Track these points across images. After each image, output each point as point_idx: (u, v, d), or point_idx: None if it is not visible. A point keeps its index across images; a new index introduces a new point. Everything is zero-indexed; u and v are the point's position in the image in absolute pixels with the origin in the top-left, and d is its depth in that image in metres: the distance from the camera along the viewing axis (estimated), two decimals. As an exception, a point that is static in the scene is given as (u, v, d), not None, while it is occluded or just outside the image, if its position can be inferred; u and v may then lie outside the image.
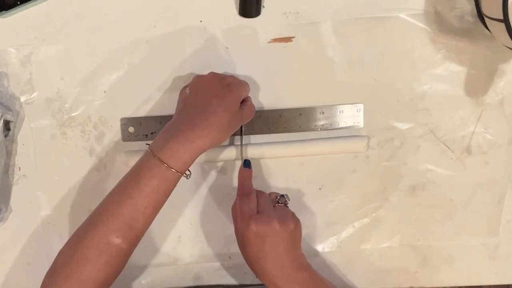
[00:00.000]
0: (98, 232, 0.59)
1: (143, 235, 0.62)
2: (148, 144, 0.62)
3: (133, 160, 0.69)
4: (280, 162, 0.71)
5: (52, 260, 0.62)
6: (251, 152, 0.70)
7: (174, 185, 0.61)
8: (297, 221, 0.64)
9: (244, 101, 0.66)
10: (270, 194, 0.68)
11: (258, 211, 0.63)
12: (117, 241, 0.59)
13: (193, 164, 0.69)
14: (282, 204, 0.66)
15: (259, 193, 0.66)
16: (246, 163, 0.68)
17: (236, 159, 0.70)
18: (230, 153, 0.70)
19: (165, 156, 0.59)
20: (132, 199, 0.59)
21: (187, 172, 0.61)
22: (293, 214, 0.65)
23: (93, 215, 0.62)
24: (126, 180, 0.61)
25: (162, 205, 0.62)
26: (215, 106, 0.61)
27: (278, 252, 0.62)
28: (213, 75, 0.65)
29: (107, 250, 0.59)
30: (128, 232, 0.60)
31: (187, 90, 0.64)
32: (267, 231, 0.62)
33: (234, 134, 0.70)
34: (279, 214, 0.63)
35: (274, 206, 0.65)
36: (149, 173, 0.59)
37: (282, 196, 0.66)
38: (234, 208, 0.66)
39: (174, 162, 0.59)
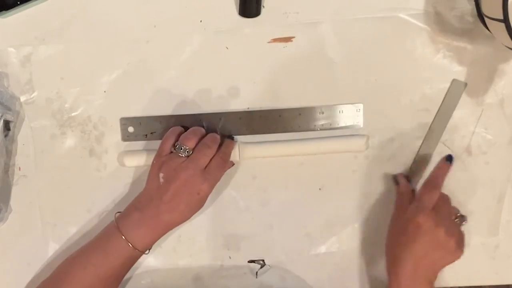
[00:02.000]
0: None
1: None
2: (120, 212, 0.65)
3: (133, 161, 0.70)
4: (280, 162, 0.71)
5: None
6: (251, 151, 0.70)
7: (136, 260, 0.66)
8: (461, 250, 0.64)
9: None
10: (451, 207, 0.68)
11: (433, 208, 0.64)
12: None
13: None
14: (458, 221, 0.66)
15: (443, 196, 0.66)
16: (449, 158, 0.69)
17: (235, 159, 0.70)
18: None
19: (133, 240, 0.63)
20: (96, 268, 0.63)
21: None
22: (462, 240, 0.65)
23: (56, 273, 0.65)
24: (93, 248, 0.65)
25: (124, 276, 0.67)
26: (182, 210, 0.64)
27: (426, 255, 0.62)
28: (187, 178, 0.63)
29: None
30: None
31: (161, 178, 0.64)
32: (433, 232, 0.62)
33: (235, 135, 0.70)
34: (453, 228, 0.64)
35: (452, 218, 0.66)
36: (116, 252, 0.63)
37: (463, 216, 0.67)
38: (406, 193, 0.67)
39: (141, 246, 0.64)
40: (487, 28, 0.65)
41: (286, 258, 0.73)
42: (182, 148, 0.64)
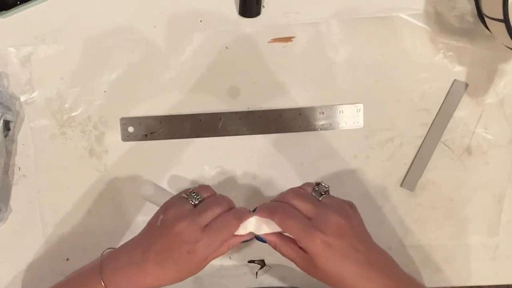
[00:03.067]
0: None
1: None
2: (112, 248, 0.61)
3: (133, 163, 0.70)
4: (280, 162, 0.71)
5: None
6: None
7: None
8: (351, 205, 0.59)
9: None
10: (304, 188, 0.60)
11: (310, 218, 0.57)
12: None
13: (194, 164, 0.70)
14: (324, 195, 0.59)
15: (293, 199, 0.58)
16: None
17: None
18: None
19: None
20: None
21: None
22: (342, 201, 0.59)
23: None
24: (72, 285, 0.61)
25: None
26: (169, 269, 0.56)
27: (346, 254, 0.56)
28: (181, 230, 0.56)
29: None
30: None
31: (159, 222, 0.58)
32: (335, 231, 0.55)
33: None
34: (332, 206, 0.57)
35: (319, 199, 0.59)
36: None
37: (318, 184, 0.60)
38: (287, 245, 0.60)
39: None
40: (487, 28, 0.65)
41: (286, 258, 0.72)
42: (194, 193, 0.59)
